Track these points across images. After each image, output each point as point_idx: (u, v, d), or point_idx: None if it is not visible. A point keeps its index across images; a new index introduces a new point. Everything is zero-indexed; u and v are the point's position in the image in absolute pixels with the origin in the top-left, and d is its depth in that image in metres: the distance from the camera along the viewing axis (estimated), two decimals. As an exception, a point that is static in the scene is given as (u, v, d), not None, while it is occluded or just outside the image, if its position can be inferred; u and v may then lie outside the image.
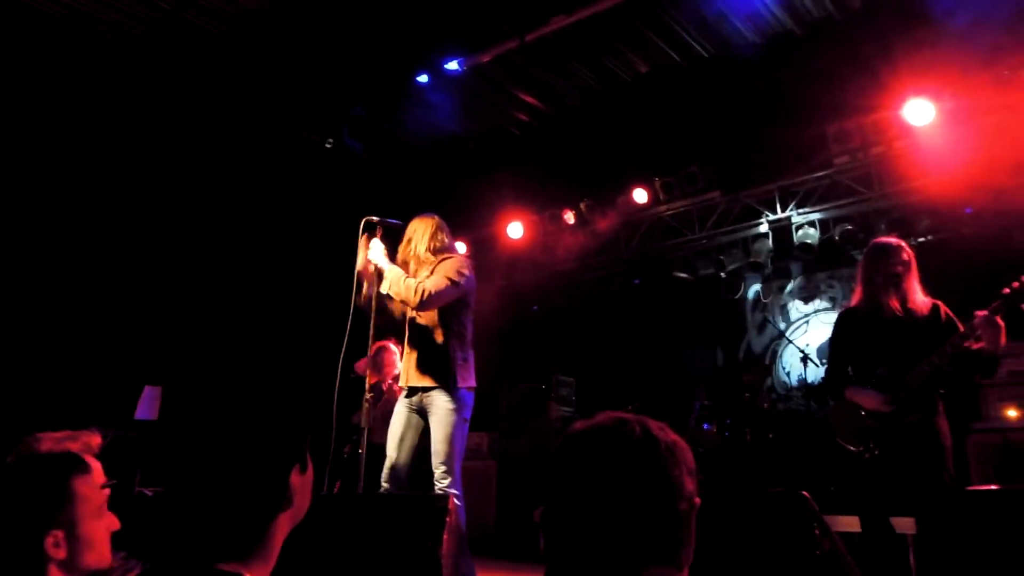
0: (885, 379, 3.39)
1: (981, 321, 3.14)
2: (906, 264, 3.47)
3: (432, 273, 3.68)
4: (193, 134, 6.81)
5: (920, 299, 3.46)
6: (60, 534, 1.55)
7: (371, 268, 3.71)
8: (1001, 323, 3.13)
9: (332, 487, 5.09)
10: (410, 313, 3.75)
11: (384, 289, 3.66)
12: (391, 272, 3.65)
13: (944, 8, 5.40)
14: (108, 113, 6.42)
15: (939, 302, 3.47)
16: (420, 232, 3.84)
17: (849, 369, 3.61)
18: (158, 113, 6.54)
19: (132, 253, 6.91)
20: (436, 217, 3.94)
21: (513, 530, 6.42)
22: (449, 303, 3.67)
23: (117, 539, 1.84)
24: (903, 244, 3.57)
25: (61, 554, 1.55)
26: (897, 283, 3.44)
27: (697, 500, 1.02)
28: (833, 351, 3.71)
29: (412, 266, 3.79)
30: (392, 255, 3.80)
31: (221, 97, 6.47)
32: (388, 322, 3.88)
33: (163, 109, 6.52)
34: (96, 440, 2.24)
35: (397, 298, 3.62)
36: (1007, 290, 3.16)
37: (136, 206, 6.90)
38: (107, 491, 1.70)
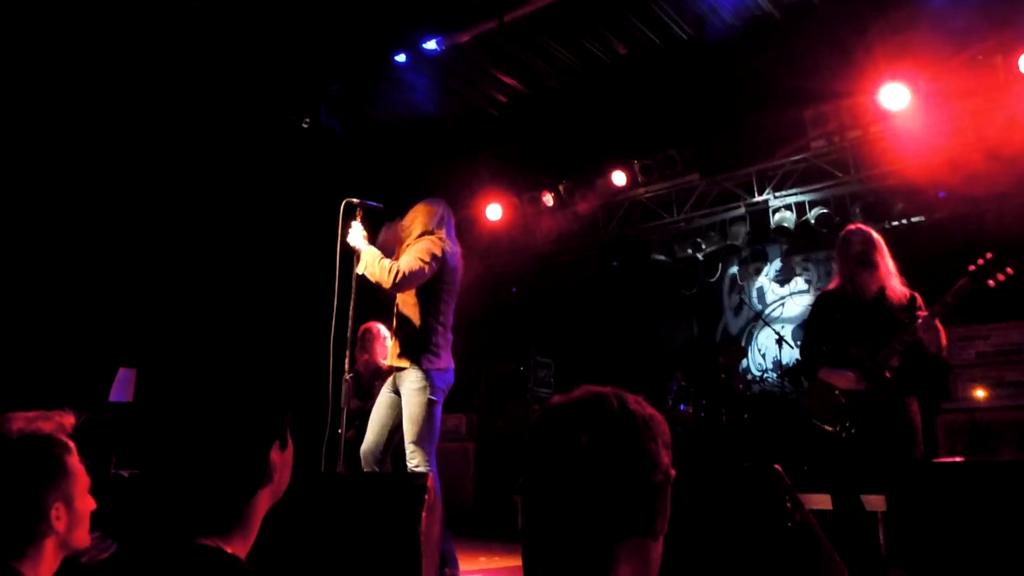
0: (857, 358, 3.44)
1: (921, 323, 3.28)
2: (869, 243, 3.55)
3: (406, 253, 3.70)
4: (166, 113, 6.69)
5: (897, 285, 3.54)
6: (61, 507, 1.58)
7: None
8: (939, 327, 3.28)
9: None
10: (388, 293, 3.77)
11: (360, 270, 3.69)
12: (367, 254, 3.68)
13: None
14: (78, 91, 6.28)
15: (916, 294, 3.54)
16: (413, 216, 3.86)
17: (824, 350, 3.63)
18: (131, 91, 6.41)
19: (107, 234, 6.80)
20: (433, 203, 3.93)
21: (491, 510, 6.47)
22: (425, 283, 3.67)
23: (93, 519, 1.84)
24: (862, 227, 3.69)
25: (62, 526, 1.58)
26: (865, 262, 3.52)
27: (672, 472, 1.04)
28: (808, 332, 3.77)
29: (396, 249, 3.82)
30: (372, 237, 3.82)
31: (195, 75, 6.35)
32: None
33: (135, 86, 6.39)
34: (69, 420, 2.22)
35: (372, 279, 3.63)
36: (972, 267, 3.26)
37: (110, 186, 6.78)
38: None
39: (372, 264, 3.62)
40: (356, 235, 3.74)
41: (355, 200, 3.76)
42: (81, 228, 6.63)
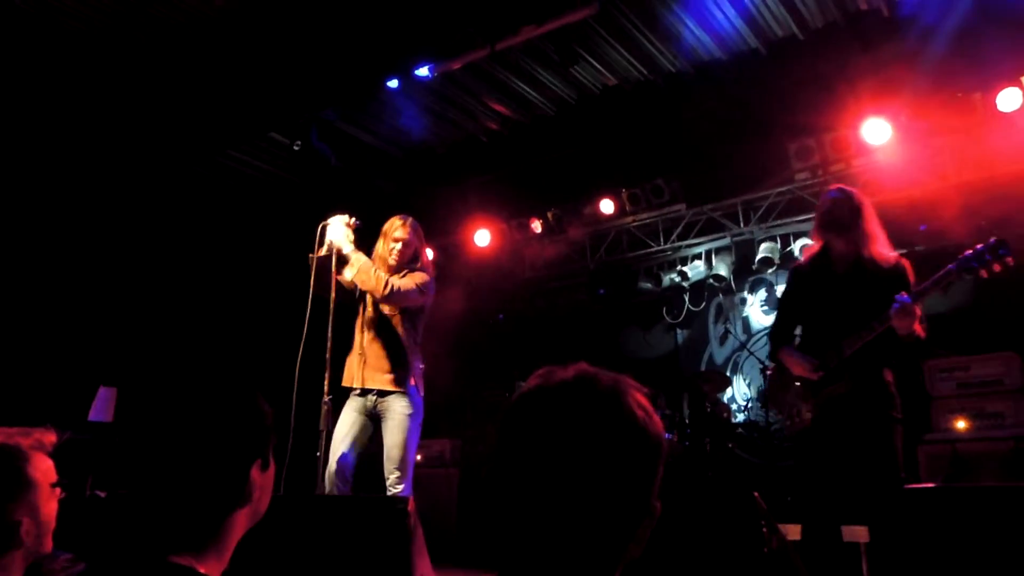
0: (823, 344, 3.09)
1: (897, 307, 2.87)
2: (843, 203, 3.15)
3: (403, 276, 3.70)
4: (155, 130, 6.70)
5: (882, 251, 3.15)
6: (28, 520, 1.57)
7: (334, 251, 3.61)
8: (918, 312, 2.88)
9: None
10: (371, 313, 3.74)
11: (348, 275, 3.61)
12: (359, 259, 3.59)
13: (899, 31, 5.59)
14: (67, 108, 6.29)
15: (905, 262, 3.16)
16: (412, 239, 3.84)
17: (798, 330, 3.33)
18: (119, 108, 6.43)
19: (89, 251, 6.77)
20: (420, 231, 3.94)
21: (475, 536, 6.40)
22: (409, 307, 3.67)
23: (66, 541, 1.82)
24: (844, 187, 3.28)
25: (31, 540, 1.57)
26: (839, 226, 3.13)
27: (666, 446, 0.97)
28: (780, 308, 3.46)
29: (376, 263, 3.78)
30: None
31: (187, 95, 6.38)
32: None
33: (125, 104, 6.41)
34: (50, 438, 2.20)
35: (362, 287, 3.57)
36: (970, 252, 2.94)
37: (94, 203, 6.76)
38: (54, 479, 1.70)
39: (366, 272, 3.55)
40: (341, 236, 3.61)
41: (330, 222, 3.68)
42: (62, 246, 6.59)
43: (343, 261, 3.65)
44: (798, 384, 3.16)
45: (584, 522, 0.86)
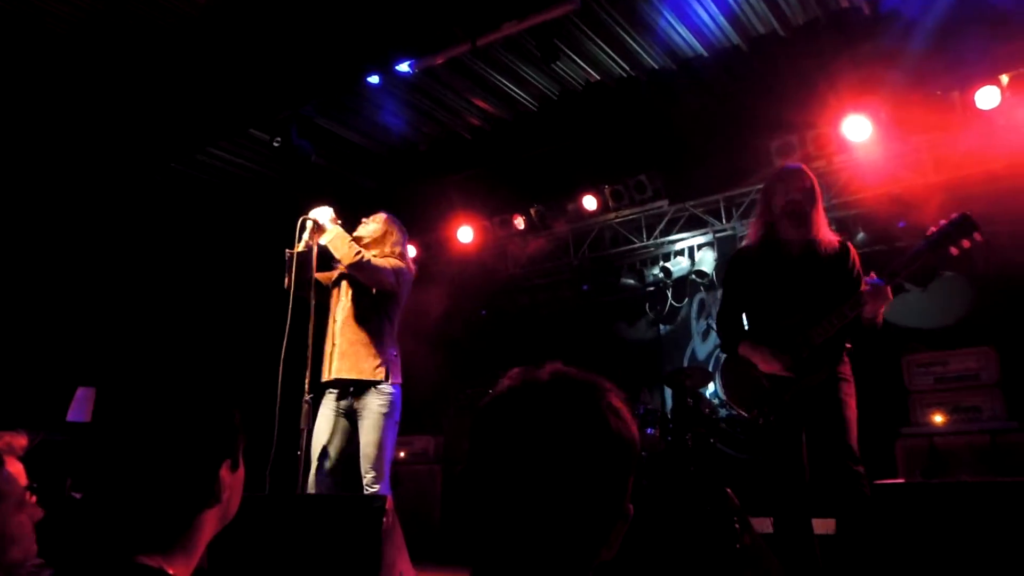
0: (785, 333, 2.95)
1: (869, 289, 2.79)
2: (808, 192, 3.03)
3: (378, 256, 3.71)
4: (135, 128, 6.63)
5: (826, 235, 3.05)
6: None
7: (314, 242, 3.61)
8: (890, 295, 2.81)
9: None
10: (345, 301, 3.71)
11: (323, 240, 3.57)
12: (337, 230, 3.57)
13: (880, 29, 5.63)
14: (45, 106, 6.20)
15: (849, 244, 3.09)
16: (384, 228, 3.85)
17: (744, 318, 3.18)
18: (97, 106, 6.35)
19: (69, 250, 6.69)
20: (399, 224, 3.96)
21: (458, 533, 6.39)
22: (382, 289, 3.64)
23: (42, 543, 1.79)
24: (804, 167, 3.13)
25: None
26: (797, 214, 3.00)
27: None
28: (726, 298, 3.26)
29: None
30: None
31: (165, 92, 6.31)
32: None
33: (103, 102, 6.33)
34: (20, 441, 2.17)
35: (335, 252, 3.54)
36: (933, 229, 2.85)
37: (73, 201, 6.69)
38: (23, 483, 1.66)
39: (341, 239, 3.53)
40: (326, 216, 3.61)
41: (311, 217, 3.66)
42: (41, 245, 6.51)
43: (323, 255, 3.65)
44: (761, 378, 2.99)
45: (557, 525, 0.85)
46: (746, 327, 3.21)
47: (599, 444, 0.88)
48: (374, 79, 5.97)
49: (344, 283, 3.79)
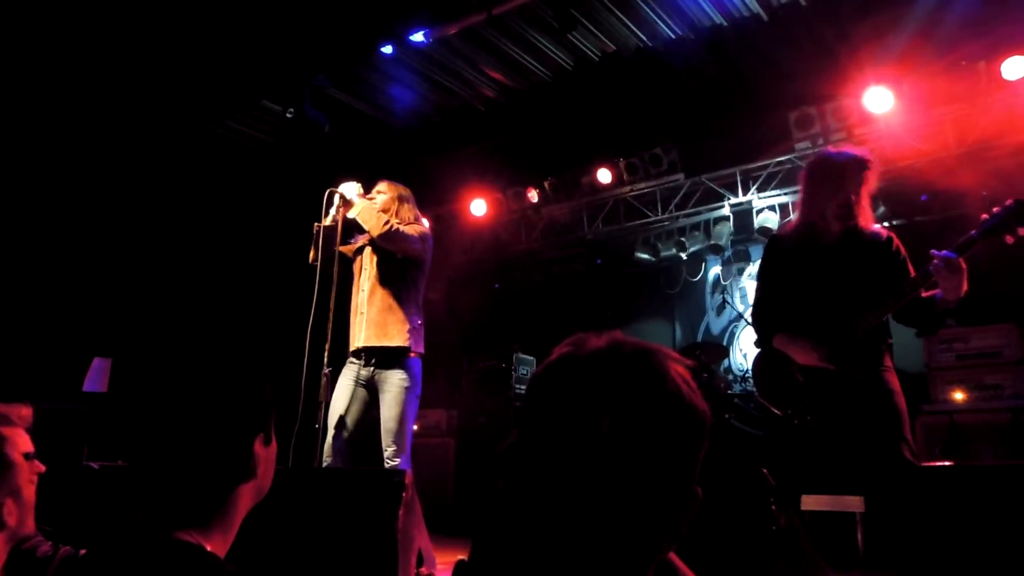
0: (825, 326, 2.74)
1: (941, 264, 2.48)
2: (866, 186, 2.79)
3: (403, 224, 3.72)
4: (148, 100, 6.57)
5: (870, 223, 2.84)
6: (11, 502, 1.56)
7: (340, 217, 3.66)
8: (964, 266, 2.49)
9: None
10: (371, 269, 3.72)
11: (351, 214, 3.63)
12: (364, 202, 3.64)
13: (905, -2, 5.48)
14: (58, 79, 6.15)
15: (893, 234, 2.85)
16: (397, 199, 3.84)
17: (782, 309, 2.95)
18: (111, 79, 6.29)
19: (84, 222, 6.69)
20: (410, 194, 3.95)
21: (471, 507, 6.43)
22: (409, 255, 3.66)
23: (58, 513, 1.79)
24: (869, 158, 2.83)
25: (13, 520, 1.56)
26: (851, 214, 2.78)
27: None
28: (761, 287, 3.06)
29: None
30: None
31: (178, 63, 6.25)
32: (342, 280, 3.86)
33: (117, 75, 6.27)
34: (24, 412, 2.17)
35: (364, 223, 3.59)
36: (986, 216, 2.58)
37: (87, 174, 6.66)
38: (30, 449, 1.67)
39: (369, 211, 3.59)
40: (353, 190, 3.68)
41: (339, 191, 3.70)
42: (57, 218, 6.51)
43: (348, 230, 3.69)
44: (796, 372, 2.80)
45: (620, 509, 0.76)
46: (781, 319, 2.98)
47: (669, 415, 0.80)
48: (387, 49, 5.88)
49: (368, 251, 3.80)
